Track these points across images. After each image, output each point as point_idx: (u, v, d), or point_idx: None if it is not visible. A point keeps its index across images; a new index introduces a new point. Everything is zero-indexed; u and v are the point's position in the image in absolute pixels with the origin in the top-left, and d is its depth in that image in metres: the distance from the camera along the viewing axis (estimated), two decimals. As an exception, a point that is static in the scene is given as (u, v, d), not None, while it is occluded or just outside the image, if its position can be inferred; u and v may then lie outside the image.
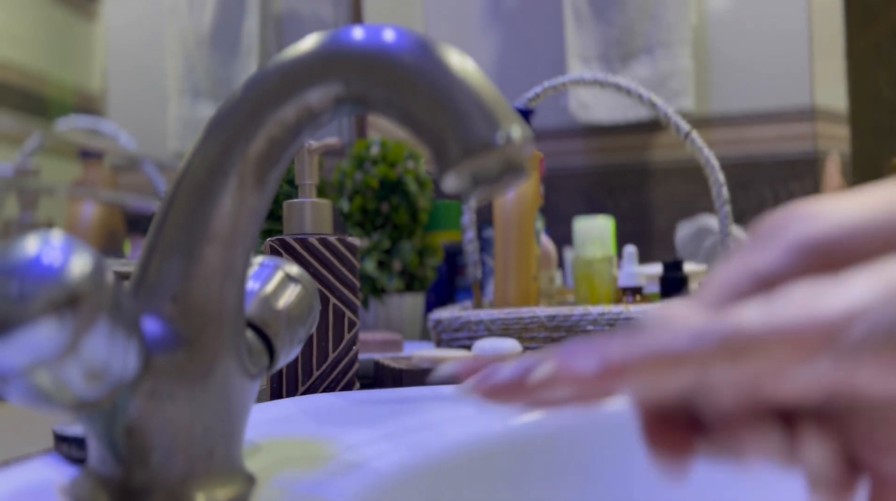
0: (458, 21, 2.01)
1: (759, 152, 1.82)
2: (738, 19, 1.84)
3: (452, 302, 1.20)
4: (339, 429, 0.41)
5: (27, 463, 0.34)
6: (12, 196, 0.63)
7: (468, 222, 0.87)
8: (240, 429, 0.29)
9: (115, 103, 0.78)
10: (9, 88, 0.64)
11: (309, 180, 0.58)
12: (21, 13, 0.66)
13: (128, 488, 0.27)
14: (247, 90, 0.27)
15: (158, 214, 0.28)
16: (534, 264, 0.83)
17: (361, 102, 0.26)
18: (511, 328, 0.77)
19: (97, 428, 0.27)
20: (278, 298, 0.33)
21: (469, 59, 0.26)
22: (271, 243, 0.55)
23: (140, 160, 0.81)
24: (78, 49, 0.73)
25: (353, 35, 0.26)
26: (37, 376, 0.22)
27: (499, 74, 1.97)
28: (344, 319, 0.56)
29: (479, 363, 0.26)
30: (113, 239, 0.75)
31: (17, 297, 0.21)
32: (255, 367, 0.30)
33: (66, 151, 0.70)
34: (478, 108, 0.24)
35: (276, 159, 0.28)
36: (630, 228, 1.89)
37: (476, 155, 0.24)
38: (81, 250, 0.23)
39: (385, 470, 0.35)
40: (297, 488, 0.31)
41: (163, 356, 0.27)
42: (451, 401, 0.48)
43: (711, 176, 0.83)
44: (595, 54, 1.86)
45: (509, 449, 0.43)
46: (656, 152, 1.89)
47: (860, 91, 2.72)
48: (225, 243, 0.28)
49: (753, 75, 1.83)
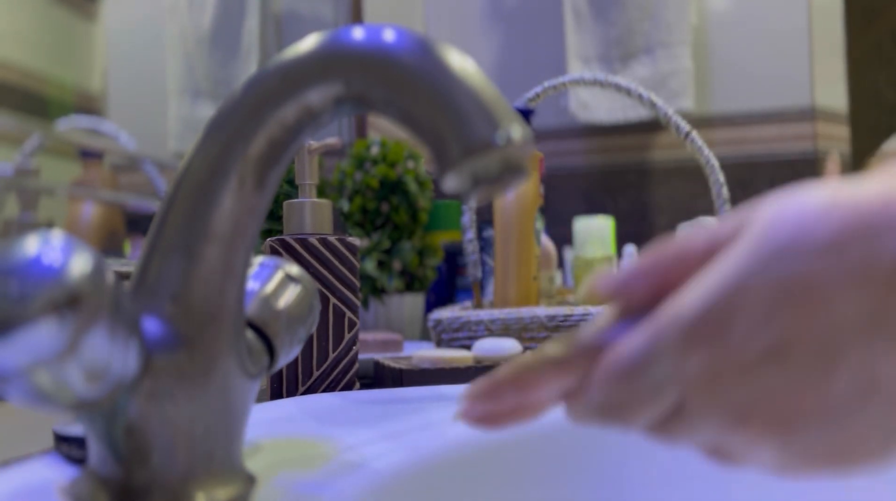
0: (458, 21, 2.01)
1: (759, 152, 1.82)
2: (738, 19, 1.84)
3: (452, 302, 1.20)
4: (339, 429, 0.41)
5: (27, 463, 0.34)
6: (12, 196, 0.63)
7: (468, 222, 0.87)
8: (240, 429, 0.29)
9: (115, 103, 0.78)
10: (9, 88, 0.64)
11: (309, 180, 0.58)
12: (21, 13, 0.66)
13: (128, 488, 0.27)
14: (247, 90, 0.27)
15: (158, 214, 0.28)
16: (534, 264, 0.83)
17: (361, 102, 0.26)
18: (511, 327, 0.77)
19: (97, 428, 0.27)
20: (278, 298, 0.33)
21: (469, 59, 0.26)
22: (271, 243, 0.55)
23: (140, 160, 0.81)
24: (78, 49, 0.73)
25: (353, 35, 0.26)
26: (37, 376, 0.22)
27: (499, 74, 1.97)
28: (344, 319, 0.56)
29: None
30: (113, 239, 0.75)
31: (18, 297, 0.21)
32: (255, 367, 0.30)
33: (66, 151, 0.70)
34: (478, 108, 0.24)
35: (276, 159, 0.28)
36: (630, 228, 1.89)
37: (476, 155, 0.24)
38: (81, 250, 0.23)
39: (385, 470, 0.35)
40: (297, 488, 0.31)
41: (163, 356, 0.27)
42: (451, 401, 0.48)
43: (711, 176, 0.83)
44: (595, 54, 1.86)
45: (509, 449, 0.43)
46: (656, 152, 1.89)
47: (860, 91, 2.72)
48: (225, 243, 0.28)
49: (753, 75, 1.83)
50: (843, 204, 0.22)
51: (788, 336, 0.22)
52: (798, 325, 0.22)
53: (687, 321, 0.23)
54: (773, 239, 0.23)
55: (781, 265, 0.22)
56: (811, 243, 0.22)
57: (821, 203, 0.23)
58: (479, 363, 0.58)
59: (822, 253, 0.22)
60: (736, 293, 0.23)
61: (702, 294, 0.23)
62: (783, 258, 0.22)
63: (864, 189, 0.23)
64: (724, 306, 0.23)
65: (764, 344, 0.22)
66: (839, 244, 0.22)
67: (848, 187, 0.23)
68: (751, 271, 0.23)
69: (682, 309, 0.24)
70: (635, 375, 0.24)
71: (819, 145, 1.80)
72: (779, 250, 0.22)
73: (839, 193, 0.23)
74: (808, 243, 0.22)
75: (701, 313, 0.23)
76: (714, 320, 0.23)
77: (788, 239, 0.22)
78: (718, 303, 0.23)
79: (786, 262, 0.22)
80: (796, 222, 0.23)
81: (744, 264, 0.23)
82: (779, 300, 0.22)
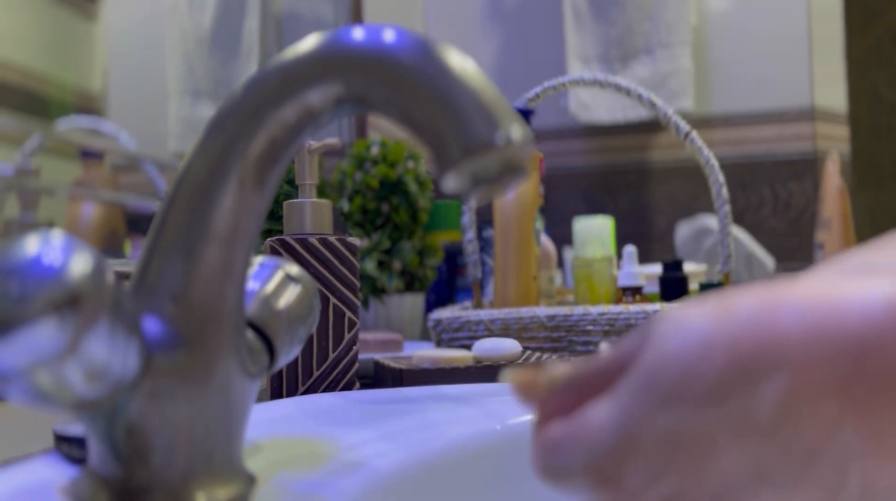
0: (458, 21, 2.01)
1: (759, 152, 1.82)
2: (738, 19, 1.84)
3: (452, 302, 1.20)
4: (339, 429, 0.41)
5: (27, 463, 0.34)
6: (12, 196, 0.63)
7: (468, 222, 0.87)
8: (240, 429, 0.29)
9: (116, 103, 0.78)
10: (9, 88, 0.64)
11: (309, 180, 0.58)
12: (21, 13, 0.66)
13: (128, 488, 0.27)
14: (247, 90, 0.27)
15: (158, 214, 0.28)
16: (534, 264, 0.83)
17: (361, 102, 0.26)
18: (511, 327, 0.77)
19: (97, 428, 0.27)
20: (278, 298, 0.33)
21: (469, 59, 0.26)
22: (271, 243, 0.55)
23: (140, 160, 0.81)
24: (78, 49, 0.73)
25: (353, 35, 0.26)
26: (37, 376, 0.22)
27: (499, 74, 1.97)
28: (344, 319, 0.56)
29: None
30: (113, 239, 0.75)
31: (18, 297, 0.21)
32: (255, 367, 0.30)
33: (66, 151, 0.70)
34: (478, 108, 0.25)
35: (276, 159, 0.28)
36: (630, 228, 1.89)
37: (476, 155, 0.24)
38: (82, 250, 0.23)
39: (385, 470, 0.35)
40: (297, 488, 0.31)
41: (163, 356, 0.27)
42: (451, 401, 0.48)
43: (711, 176, 0.83)
44: (595, 55, 1.86)
45: (509, 449, 0.43)
46: (656, 152, 1.89)
47: (860, 91, 2.72)
48: (225, 243, 0.28)
49: (753, 75, 1.83)
50: (721, 340, 0.22)
51: (680, 487, 0.23)
52: (688, 476, 0.23)
53: (594, 452, 0.24)
54: (659, 382, 0.23)
55: (667, 416, 0.23)
56: (693, 392, 0.22)
57: (704, 336, 0.23)
58: (479, 363, 0.58)
59: (704, 404, 0.22)
60: (629, 439, 0.23)
61: (606, 428, 0.24)
62: (668, 407, 0.23)
63: (742, 316, 0.23)
64: (621, 450, 0.24)
65: (659, 492, 0.23)
66: (719, 393, 0.22)
67: (732, 308, 0.23)
68: (640, 418, 0.23)
69: (591, 436, 0.24)
70: (557, 478, 0.25)
71: (818, 145, 1.80)
72: (664, 397, 0.23)
73: (722, 319, 0.23)
74: (690, 391, 0.22)
75: (604, 449, 0.24)
76: (614, 461, 0.24)
77: (672, 385, 0.23)
78: (616, 445, 0.24)
79: (670, 413, 0.23)
80: (680, 364, 0.23)
81: (635, 408, 0.23)
82: (667, 452, 0.23)
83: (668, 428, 0.23)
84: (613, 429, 0.24)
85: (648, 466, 0.23)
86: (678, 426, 0.23)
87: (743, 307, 0.23)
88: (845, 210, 1.08)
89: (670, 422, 0.23)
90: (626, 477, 0.24)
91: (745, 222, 1.82)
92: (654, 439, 0.23)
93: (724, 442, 0.22)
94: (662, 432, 0.23)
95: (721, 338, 0.22)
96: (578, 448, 0.25)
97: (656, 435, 0.23)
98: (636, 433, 0.23)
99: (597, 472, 0.24)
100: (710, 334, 0.23)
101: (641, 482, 0.23)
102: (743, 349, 0.22)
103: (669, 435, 0.23)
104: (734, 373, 0.22)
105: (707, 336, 0.23)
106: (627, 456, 0.23)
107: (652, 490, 0.23)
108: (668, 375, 0.23)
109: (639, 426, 0.23)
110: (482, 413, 0.45)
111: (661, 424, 0.23)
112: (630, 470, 0.23)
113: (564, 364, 0.28)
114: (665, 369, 0.23)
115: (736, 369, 0.22)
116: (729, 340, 0.22)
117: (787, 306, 0.22)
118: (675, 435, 0.23)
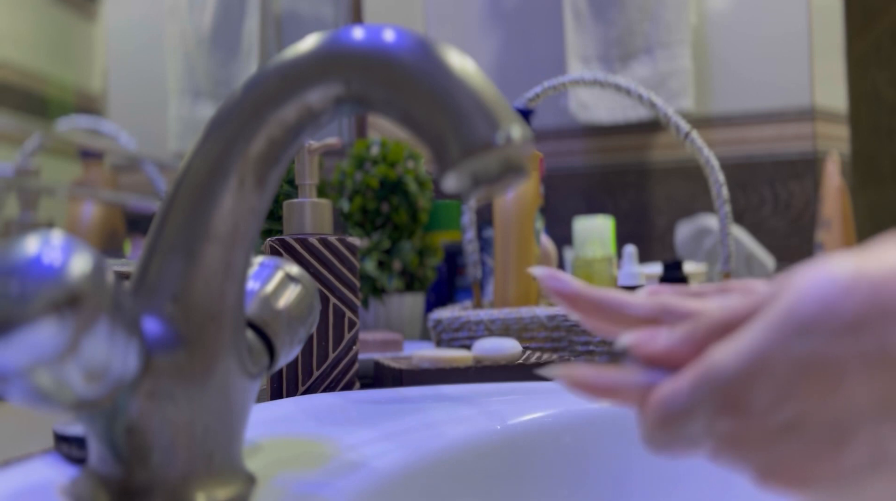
0: (458, 21, 2.01)
1: (759, 152, 1.82)
2: (738, 19, 1.84)
3: (452, 302, 1.20)
4: (339, 429, 0.41)
5: (27, 463, 0.34)
6: (12, 196, 0.63)
7: (468, 222, 0.87)
8: (240, 429, 0.29)
9: (116, 103, 0.78)
10: (9, 88, 0.64)
11: (309, 180, 0.58)
12: (21, 13, 0.66)
13: (128, 488, 0.27)
14: (247, 90, 0.27)
15: (158, 214, 0.28)
16: (534, 264, 0.83)
17: (361, 102, 0.26)
18: (511, 327, 0.77)
19: (97, 428, 0.27)
20: (278, 298, 0.33)
21: (469, 59, 0.26)
22: (271, 243, 0.55)
23: (140, 160, 0.81)
24: (78, 49, 0.73)
25: (353, 35, 0.26)
26: (37, 376, 0.22)
27: (499, 74, 1.97)
28: (344, 319, 0.56)
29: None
30: (113, 239, 0.75)
31: (18, 297, 0.21)
32: (255, 367, 0.30)
33: (66, 151, 0.70)
34: (478, 108, 0.25)
35: (276, 159, 0.28)
36: (630, 228, 1.89)
37: (476, 155, 0.24)
38: (82, 250, 0.23)
39: (385, 470, 0.35)
40: (297, 488, 0.31)
41: (163, 356, 0.27)
42: (451, 401, 0.48)
43: (711, 176, 0.83)
44: (595, 55, 1.86)
45: (509, 449, 0.43)
46: (656, 152, 1.89)
47: (860, 91, 2.72)
48: (225, 243, 0.28)
49: (753, 75, 1.83)
50: (865, 284, 0.24)
51: (805, 410, 0.24)
52: (813, 401, 0.24)
53: (720, 381, 0.25)
54: (798, 314, 0.24)
55: (802, 343, 0.24)
56: (831, 324, 0.23)
57: (846, 280, 0.24)
58: (478, 363, 0.58)
59: (840, 335, 0.23)
60: (761, 364, 0.24)
61: (733, 358, 0.25)
62: (804, 336, 0.24)
63: (885, 265, 0.24)
64: (751, 374, 0.24)
65: (783, 415, 0.24)
66: (857, 327, 0.23)
67: (875, 260, 0.24)
68: (775, 344, 0.24)
69: (717, 368, 0.25)
70: (675, 426, 0.26)
71: (819, 145, 1.80)
72: (801, 327, 0.24)
73: (865, 267, 0.24)
74: (828, 323, 0.23)
75: (731, 375, 0.25)
76: (741, 385, 0.25)
77: (811, 317, 0.24)
78: (746, 370, 0.25)
79: (806, 340, 0.24)
80: (820, 300, 0.24)
81: (770, 336, 0.24)
82: (797, 377, 0.24)
83: (801, 353, 0.24)
84: (744, 355, 0.25)
85: (776, 388, 0.24)
86: (811, 352, 0.23)
87: (886, 257, 0.24)
88: (845, 210, 1.08)
89: (804, 347, 0.24)
90: (753, 400, 0.24)
91: (745, 222, 1.82)
92: (785, 363, 0.24)
93: (854, 371, 0.23)
94: (795, 357, 0.24)
95: (865, 281, 0.24)
96: (702, 383, 0.25)
97: (789, 359, 0.24)
98: (769, 356, 0.24)
99: (722, 396, 0.25)
100: (853, 278, 0.24)
101: (767, 404, 0.24)
102: (885, 291, 0.23)
103: (802, 360, 0.24)
104: (875, 311, 0.23)
105: (850, 280, 0.24)
106: (756, 378, 0.24)
107: (776, 414, 0.24)
108: (808, 309, 0.24)
109: (772, 349, 0.24)
110: (482, 413, 0.45)
111: (795, 349, 0.24)
112: (758, 392, 0.24)
113: (683, 323, 0.28)
114: (804, 304, 0.24)
115: (878, 308, 0.23)
116: (872, 283, 0.23)
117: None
118: (808, 360, 0.23)
